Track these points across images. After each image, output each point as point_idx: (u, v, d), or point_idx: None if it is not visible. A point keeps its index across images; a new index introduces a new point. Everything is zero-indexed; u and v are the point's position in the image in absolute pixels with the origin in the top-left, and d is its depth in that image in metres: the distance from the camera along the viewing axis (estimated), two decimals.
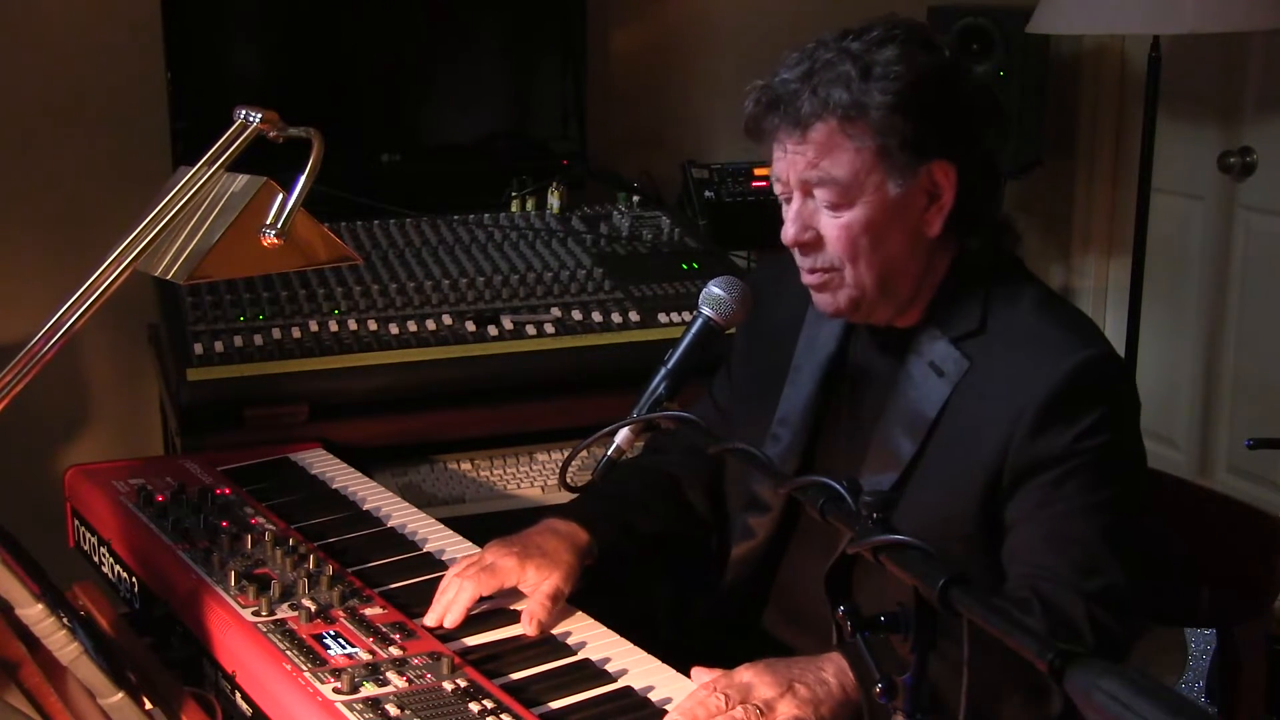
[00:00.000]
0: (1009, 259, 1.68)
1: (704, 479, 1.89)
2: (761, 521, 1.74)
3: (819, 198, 1.58)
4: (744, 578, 1.77)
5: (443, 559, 1.78)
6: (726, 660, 1.47)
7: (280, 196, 1.44)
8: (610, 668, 1.52)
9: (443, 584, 1.64)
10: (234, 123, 1.46)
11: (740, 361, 1.89)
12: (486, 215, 2.92)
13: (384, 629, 1.54)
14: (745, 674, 1.42)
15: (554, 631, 1.60)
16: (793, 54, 1.60)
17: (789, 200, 1.62)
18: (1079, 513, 1.51)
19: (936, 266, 1.62)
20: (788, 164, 1.58)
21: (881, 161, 1.54)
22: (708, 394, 1.95)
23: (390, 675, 1.43)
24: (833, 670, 1.43)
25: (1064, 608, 1.47)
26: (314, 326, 2.42)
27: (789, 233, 1.61)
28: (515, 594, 1.66)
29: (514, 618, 1.63)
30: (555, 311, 2.54)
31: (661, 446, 1.98)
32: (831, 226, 1.58)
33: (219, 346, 2.34)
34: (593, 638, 1.58)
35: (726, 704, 1.37)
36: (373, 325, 2.44)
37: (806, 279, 1.63)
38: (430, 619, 1.60)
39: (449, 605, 1.59)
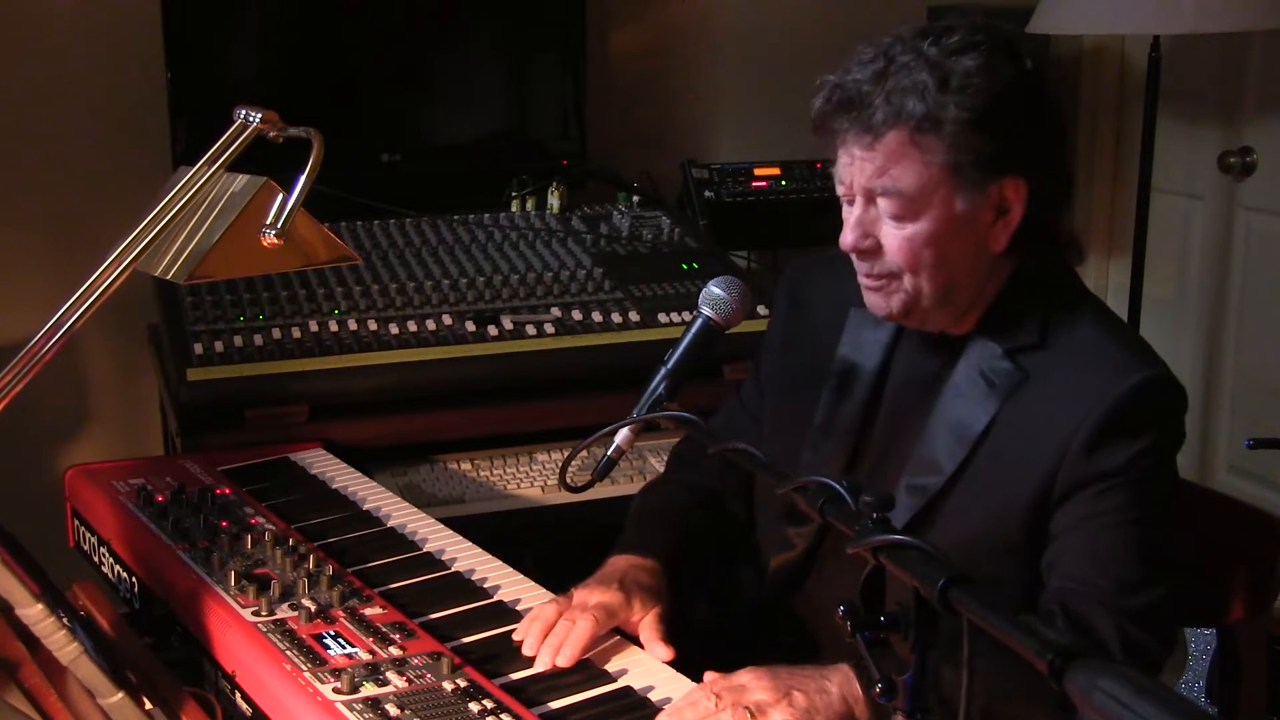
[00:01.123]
0: (1066, 272, 1.64)
1: (739, 489, 1.86)
2: (801, 533, 1.71)
3: (882, 207, 1.52)
4: (780, 587, 1.74)
5: (443, 559, 1.78)
6: (727, 661, 1.47)
7: (280, 196, 1.44)
8: (610, 668, 1.52)
9: (543, 621, 1.54)
10: (234, 123, 1.46)
11: (772, 366, 1.85)
12: (486, 215, 2.92)
13: (384, 629, 1.54)
14: (743, 676, 1.42)
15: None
16: (867, 49, 1.53)
17: (851, 203, 1.56)
18: (1121, 529, 1.49)
19: (996, 277, 1.58)
20: (854, 169, 1.52)
21: (951, 177, 1.49)
22: (735, 397, 1.92)
23: (390, 675, 1.43)
24: (836, 680, 1.42)
25: (1093, 623, 1.46)
26: (314, 326, 2.42)
27: (848, 239, 1.55)
28: (515, 595, 1.66)
29: (515, 617, 1.63)
30: (555, 311, 2.54)
31: (692, 460, 1.94)
32: (893, 237, 1.52)
33: (219, 346, 2.34)
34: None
35: (717, 705, 1.37)
36: (373, 325, 2.44)
37: (863, 280, 1.58)
38: (542, 662, 1.51)
39: (572, 644, 1.51)
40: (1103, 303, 1.65)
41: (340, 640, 1.51)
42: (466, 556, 1.79)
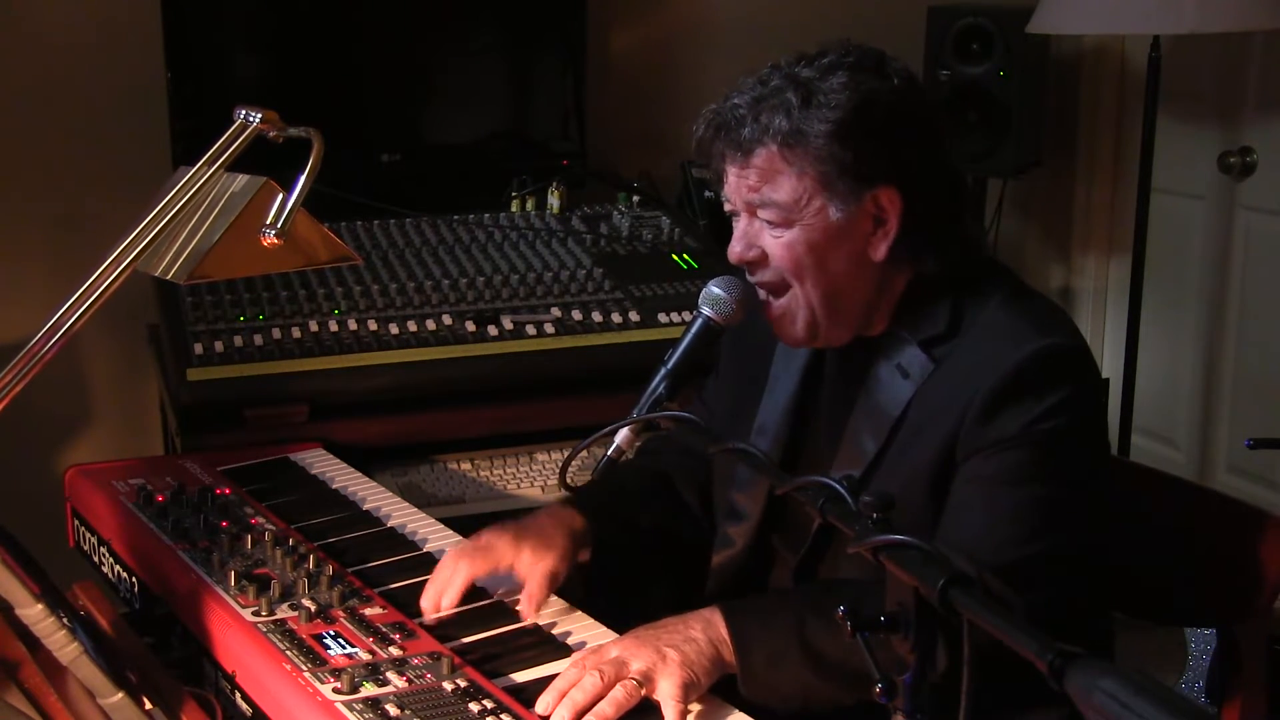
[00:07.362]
0: (975, 263, 1.68)
1: (697, 479, 1.90)
2: (739, 530, 1.76)
3: (762, 217, 1.61)
4: (726, 586, 1.77)
5: None
6: None
7: (280, 196, 1.44)
8: None
9: (438, 567, 1.67)
10: (234, 123, 1.47)
11: (725, 371, 1.91)
12: (486, 215, 2.92)
13: (384, 629, 1.54)
14: (614, 649, 1.45)
15: (554, 631, 1.60)
16: (747, 79, 1.62)
17: (738, 218, 1.65)
18: (1003, 488, 1.53)
19: (893, 283, 1.64)
20: (733, 186, 1.62)
21: (822, 188, 1.56)
22: (698, 399, 1.95)
23: (390, 675, 1.43)
24: (700, 626, 1.47)
25: None
26: (314, 326, 2.42)
27: (735, 250, 1.64)
28: (517, 591, 1.67)
29: (515, 617, 1.63)
30: (555, 311, 2.54)
31: (655, 449, 1.99)
32: (775, 245, 1.61)
33: (219, 346, 2.34)
34: (593, 638, 1.58)
35: (602, 680, 1.39)
36: (373, 325, 2.44)
37: (762, 299, 1.65)
38: (425, 601, 1.63)
39: (444, 586, 1.63)
40: (1021, 284, 1.68)
41: (340, 640, 1.51)
42: (463, 541, 1.79)
